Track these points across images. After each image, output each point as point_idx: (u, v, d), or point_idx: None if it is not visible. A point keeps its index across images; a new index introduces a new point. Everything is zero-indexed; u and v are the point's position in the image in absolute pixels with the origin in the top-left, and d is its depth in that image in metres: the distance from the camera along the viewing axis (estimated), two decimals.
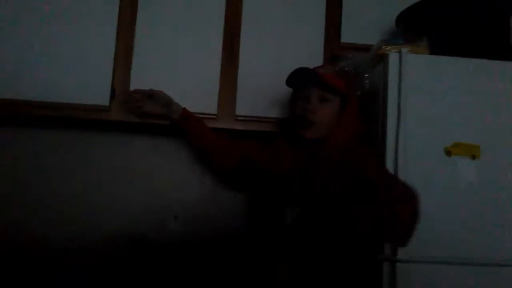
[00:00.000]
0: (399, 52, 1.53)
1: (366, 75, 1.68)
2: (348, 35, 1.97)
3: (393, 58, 1.54)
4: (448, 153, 1.49)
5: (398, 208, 1.30)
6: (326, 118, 1.50)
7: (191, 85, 1.87)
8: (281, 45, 1.93)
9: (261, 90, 1.88)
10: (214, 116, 1.88)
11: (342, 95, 1.53)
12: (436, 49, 1.62)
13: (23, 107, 1.80)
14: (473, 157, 1.49)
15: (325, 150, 1.48)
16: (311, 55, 1.90)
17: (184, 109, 1.78)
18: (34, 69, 1.81)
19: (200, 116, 1.87)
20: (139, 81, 1.84)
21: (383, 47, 1.62)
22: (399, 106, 1.50)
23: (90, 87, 1.82)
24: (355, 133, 1.51)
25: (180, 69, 1.88)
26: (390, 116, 1.50)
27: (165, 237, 2.02)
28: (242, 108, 1.89)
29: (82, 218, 2.02)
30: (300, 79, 1.56)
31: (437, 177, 1.48)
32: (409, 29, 1.74)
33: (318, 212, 1.37)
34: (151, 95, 1.77)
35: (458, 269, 1.42)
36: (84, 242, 1.95)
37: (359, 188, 1.35)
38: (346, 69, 1.70)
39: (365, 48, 1.79)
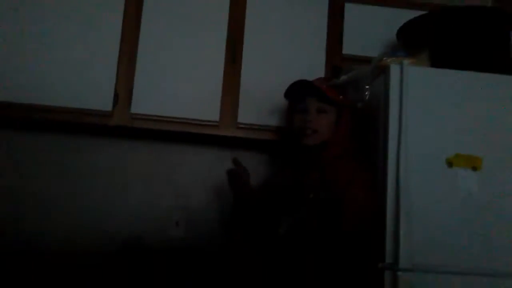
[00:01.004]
0: (400, 63, 1.54)
1: (367, 87, 1.70)
2: (349, 47, 2.01)
3: (394, 69, 1.55)
4: (449, 164, 1.50)
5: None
6: (324, 127, 1.57)
7: (193, 91, 1.89)
8: (284, 54, 1.96)
9: (264, 98, 1.90)
10: (216, 123, 1.89)
11: (338, 106, 1.59)
12: (437, 62, 1.64)
13: (23, 111, 1.80)
14: (474, 168, 1.50)
15: (320, 162, 1.54)
16: (313, 65, 1.94)
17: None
18: (35, 72, 1.81)
19: (202, 124, 1.88)
20: (142, 86, 1.86)
21: (384, 59, 1.64)
22: (400, 117, 1.50)
23: (93, 91, 1.83)
24: (346, 149, 1.57)
25: (183, 76, 1.89)
26: (392, 127, 1.51)
27: (165, 242, 2.01)
28: (244, 116, 1.91)
29: (81, 220, 2.02)
30: (298, 91, 1.61)
31: (438, 187, 1.49)
32: (410, 42, 1.77)
33: (309, 223, 1.44)
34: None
35: (459, 278, 1.42)
36: (82, 245, 1.95)
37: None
38: (344, 81, 1.74)
39: (367, 60, 1.82)
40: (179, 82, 1.88)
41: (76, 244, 1.94)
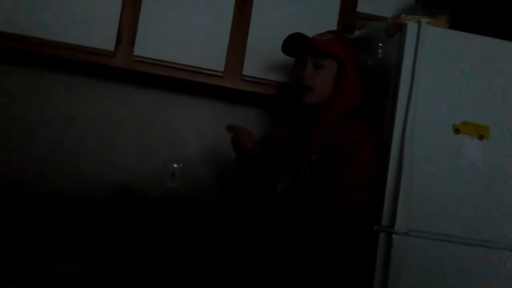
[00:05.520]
0: (418, 22, 1.47)
1: (380, 45, 1.63)
2: (365, 5, 1.92)
3: (411, 28, 1.47)
4: (456, 130, 1.46)
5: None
6: (322, 84, 1.49)
7: (199, 39, 1.82)
8: (296, 10, 1.88)
9: (272, 51, 1.81)
10: (221, 74, 1.83)
11: (339, 60, 1.50)
12: (456, 25, 1.57)
13: (21, 42, 1.73)
14: (481, 137, 1.46)
15: (322, 123, 1.47)
16: (325, 22, 1.84)
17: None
18: (39, 5, 1.73)
19: (206, 72, 1.82)
20: (146, 29, 1.79)
21: (402, 16, 1.56)
22: (412, 78, 1.45)
23: (96, 29, 1.76)
24: (351, 106, 1.48)
25: (190, 21, 1.82)
26: (402, 87, 1.45)
27: (159, 192, 2.00)
28: (249, 69, 1.84)
29: (74, 164, 1.99)
30: (293, 47, 1.54)
31: (442, 154, 1.45)
32: (429, 2, 1.69)
33: (304, 184, 1.39)
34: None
35: (454, 246, 1.41)
36: (74, 189, 1.93)
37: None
38: (356, 36, 1.66)
39: (381, 20, 1.74)
40: (185, 27, 1.81)
41: (68, 189, 1.92)
